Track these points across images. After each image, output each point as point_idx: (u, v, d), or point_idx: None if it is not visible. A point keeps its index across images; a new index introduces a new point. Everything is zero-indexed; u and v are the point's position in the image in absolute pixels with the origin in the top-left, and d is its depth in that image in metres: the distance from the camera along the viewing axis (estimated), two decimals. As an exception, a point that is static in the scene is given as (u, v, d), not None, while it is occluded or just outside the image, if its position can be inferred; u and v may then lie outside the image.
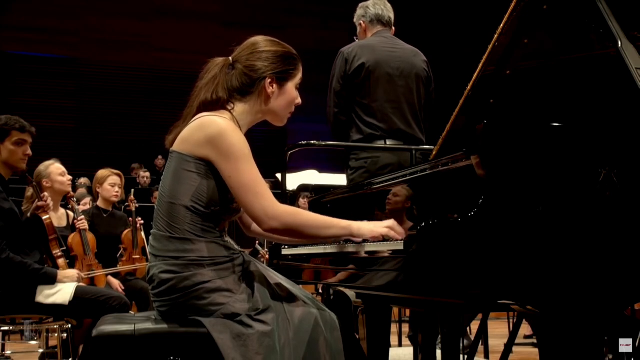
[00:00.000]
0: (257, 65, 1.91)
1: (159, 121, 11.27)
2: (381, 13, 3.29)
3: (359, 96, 3.15)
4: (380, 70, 3.14)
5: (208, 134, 1.80)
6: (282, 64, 1.93)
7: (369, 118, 3.13)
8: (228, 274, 1.81)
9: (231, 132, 1.80)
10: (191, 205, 1.80)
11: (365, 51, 3.16)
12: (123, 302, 3.32)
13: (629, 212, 1.66)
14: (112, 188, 4.49)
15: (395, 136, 3.13)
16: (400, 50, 3.24)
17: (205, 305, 1.76)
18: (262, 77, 1.91)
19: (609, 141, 1.72)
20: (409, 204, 2.06)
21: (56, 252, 3.52)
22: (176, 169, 1.84)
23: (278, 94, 1.94)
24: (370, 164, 3.05)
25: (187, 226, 1.80)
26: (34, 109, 10.25)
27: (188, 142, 1.83)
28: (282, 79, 1.93)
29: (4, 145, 3.17)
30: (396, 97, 3.16)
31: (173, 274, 1.77)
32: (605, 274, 1.63)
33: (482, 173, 1.64)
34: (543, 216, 1.59)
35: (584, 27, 2.01)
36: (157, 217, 1.85)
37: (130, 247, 4.64)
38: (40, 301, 3.19)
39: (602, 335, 1.81)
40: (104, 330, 1.78)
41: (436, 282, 1.60)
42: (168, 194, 1.83)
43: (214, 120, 1.82)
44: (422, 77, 3.25)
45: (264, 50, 1.93)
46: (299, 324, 1.77)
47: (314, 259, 2.39)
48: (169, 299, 1.79)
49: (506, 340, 3.02)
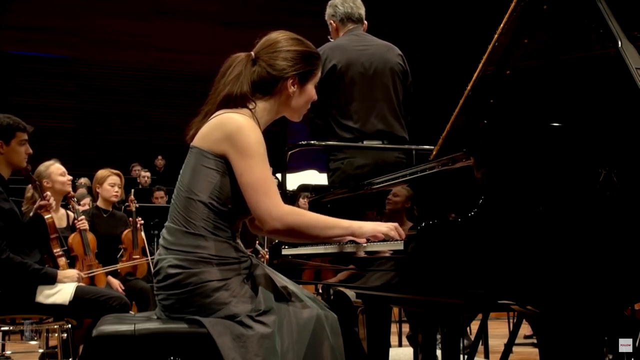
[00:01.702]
0: (280, 64, 1.91)
1: (159, 121, 11.30)
2: (350, 11, 3.23)
3: (334, 98, 3.09)
4: (353, 70, 3.09)
5: (226, 131, 1.81)
6: (304, 65, 1.93)
7: (345, 120, 3.07)
8: (233, 275, 1.82)
9: (249, 129, 1.81)
10: (209, 202, 1.81)
11: (336, 52, 3.10)
12: (123, 302, 3.33)
13: (629, 212, 1.65)
14: (112, 188, 4.49)
15: (373, 137, 3.07)
16: (372, 46, 3.18)
17: (208, 303, 1.77)
18: (285, 76, 1.91)
19: (609, 141, 1.71)
20: (409, 204, 2.06)
21: (57, 252, 3.52)
22: (195, 164, 1.84)
23: (298, 94, 1.95)
24: (347, 165, 3.01)
25: (203, 222, 1.81)
26: (34, 109, 10.24)
27: (207, 139, 1.84)
28: (303, 79, 1.94)
29: (10, 147, 3.20)
30: (372, 96, 3.10)
31: (181, 268, 1.78)
32: (605, 273, 1.63)
33: (482, 173, 1.64)
34: (543, 216, 1.59)
35: (584, 27, 2.01)
36: (174, 210, 1.86)
37: (130, 247, 4.64)
38: (40, 301, 3.20)
39: (602, 335, 1.81)
40: (104, 330, 1.78)
41: (436, 282, 1.60)
42: (186, 188, 1.84)
43: (232, 117, 1.83)
44: (397, 71, 3.18)
45: (286, 50, 1.92)
46: (303, 327, 1.77)
47: (314, 259, 2.39)
48: (173, 293, 1.79)
49: (506, 340, 3.02)
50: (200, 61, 11.19)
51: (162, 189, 7.64)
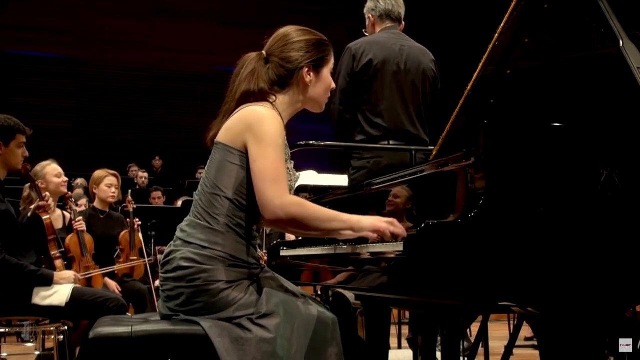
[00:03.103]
0: (292, 56, 1.94)
1: (158, 121, 11.28)
2: (391, 8, 3.23)
3: (366, 94, 3.10)
4: (388, 68, 3.10)
5: (248, 121, 1.83)
6: (316, 52, 1.97)
7: (375, 118, 3.08)
8: (242, 278, 1.82)
9: (271, 119, 1.84)
10: (235, 198, 1.83)
11: (374, 47, 3.11)
12: (120, 303, 3.31)
13: (630, 213, 1.65)
14: (109, 189, 4.47)
15: (400, 136, 3.09)
16: (409, 47, 3.19)
17: (213, 302, 1.77)
18: (299, 67, 1.94)
19: (610, 142, 1.71)
20: (409, 204, 2.05)
21: (54, 253, 3.51)
22: (221, 160, 1.86)
23: (316, 82, 1.98)
24: (373, 164, 3.01)
25: (227, 219, 1.82)
26: (34, 109, 10.22)
27: (230, 132, 1.86)
28: (317, 66, 1.97)
29: (9, 148, 3.19)
30: (403, 96, 3.12)
31: (194, 262, 1.78)
32: (607, 275, 1.62)
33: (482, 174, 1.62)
34: (544, 217, 1.59)
35: (585, 27, 2.00)
36: (197, 206, 1.87)
37: (127, 249, 4.62)
38: (36, 303, 3.19)
39: (604, 337, 1.80)
40: (101, 332, 1.77)
41: (436, 283, 1.59)
42: (211, 184, 1.85)
43: (255, 109, 1.86)
44: (428, 76, 3.21)
45: (297, 41, 1.96)
46: (309, 330, 1.77)
47: (313, 260, 2.37)
48: (181, 286, 1.79)
49: (507, 343, 3.02)
50: (200, 61, 11.19)
51: (159, 189, 7.61)
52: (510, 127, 1.69)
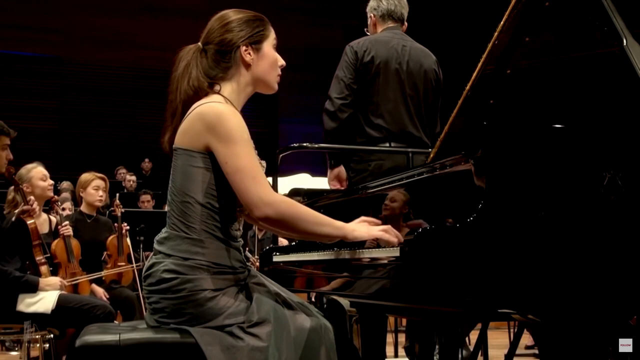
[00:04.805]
0: (226, 37, 1.90)
1: (147, 122, 11.17)
2: (394, 9, 3.21)
3: (368, 95, 3.06)
4: (391, 68, 3.07)
5: (207, 121, 1.77)
6: (250, 28, 1.91)
7: (376, 119, 3.05)
8: (228, 285, 1.78)
9: (230, 115, 1.78)
10: (205, 202, 1.78)
11: (377, 46, 3.08)
12: (107, 311, 3.28)
13: (634, 218, 1.62)
14: (96, 192, 4.43)
15: (401, 139, 3.06)
16: (411, 48, 3.17)
17: (200, 312, 1.73)
18: (236, 46, 1.89)
19: (614, 143, 1.69)
20: (405, 208, 2.03)
21: (39, 259, 3.48)
22: (184, 166, 1.81)
23: (257, 59, 1.91)
24: (375, 167, 2.98)
25: (203, 225, 1.78)
26: (17, 110, 10.11)
27: (188, 134, 1.80)
28: (255, 42, 1.91)
29: None
30: (404, 97, 3.09)
31: (177, 274, 1.74)
32: (610, 282, 1.60)
33: (482, 177, 1.60)
34: (545, 221, 1.57)
35: (588, 25, 1.99)
36: (171, 217, 1.82)
37: (115, 254, 4.58)
38: (21, 310, 3.17)
39: (606, 345, 1.78)
40: (88, 340, 1.74)
41: (433, 290, 1.56)
42: (179, 192, 1.80)
43: (211, 106, 1.80)
44: (431, 78, 3.18)
45: (229, 22, 1.92)
46: (301, 337, 1.74)
47: (306, 265, 2.34)
48: (166, 298, 1.75)
49: (506, 351, 2.99)
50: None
51: (148, 193, 7.55)
52: (510, 128, 1.67)
